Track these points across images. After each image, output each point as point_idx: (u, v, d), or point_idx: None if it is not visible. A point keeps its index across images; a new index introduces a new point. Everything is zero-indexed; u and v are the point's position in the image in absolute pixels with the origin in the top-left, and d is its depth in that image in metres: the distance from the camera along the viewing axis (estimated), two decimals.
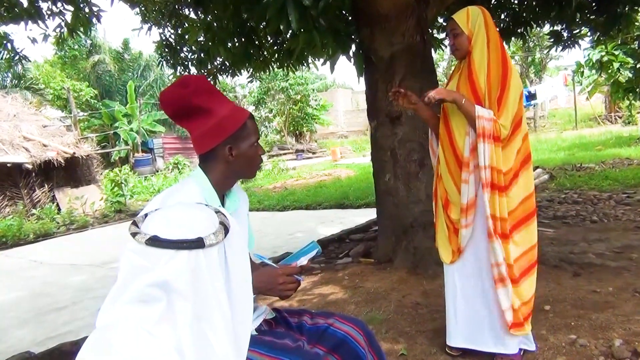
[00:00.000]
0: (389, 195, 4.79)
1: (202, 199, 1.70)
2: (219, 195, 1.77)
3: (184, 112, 1.71)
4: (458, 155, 2.57)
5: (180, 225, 1.10)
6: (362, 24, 4.74)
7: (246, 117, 1.75)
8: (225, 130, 1.70)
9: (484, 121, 2.42)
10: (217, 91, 1.79)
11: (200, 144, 1.74)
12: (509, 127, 2.46)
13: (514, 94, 2.48)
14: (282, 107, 26.99)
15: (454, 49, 2.57)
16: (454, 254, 2.66)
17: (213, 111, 1.70)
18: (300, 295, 4.14)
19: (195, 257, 1.08)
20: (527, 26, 6.73)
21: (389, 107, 4.63)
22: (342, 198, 9.86)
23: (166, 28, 6.86)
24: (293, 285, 1.74)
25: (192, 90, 1.69)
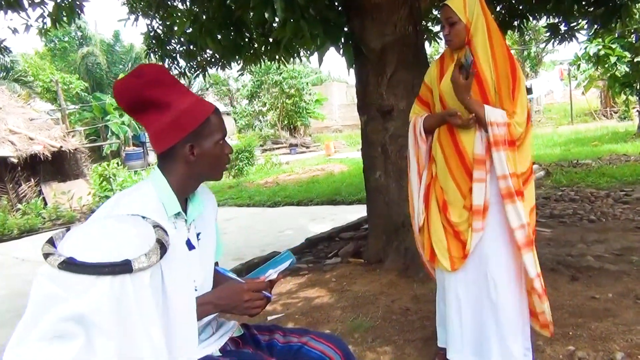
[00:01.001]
0: (380, 193, 4.60)
1: (157, 204, 1.51)
2: (180, 199, 1.57)
3: (137, 105, 1.52)
4: (462, 153, 2.35)
5: (102, 245, 0.90)
6: (353, 14, 4.53)
7: (210, 112, 1.56)
8: (185, 126, 1.51)
9: (497, 128, 2.22)
10: (177, 83, 1.59)
11: (157, 142, 1.54)
12: (524, 124, 2.28)
13: (523, 85, 2.31)
14: (276, 101, 26.72)
15: (449, 38, 2.34)
16: (456, 261, 2.42)
17: (171, 105, 1.51)
18: (285, 299, 3.95)
19: (121, 284, 0.88)
20: (524, 18, 6.53)
21: (379, 101, 4.43)
22: (334, 194, 9.66)
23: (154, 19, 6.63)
24: (260, 303, 1.54)
25: (146, 80, 1.49)
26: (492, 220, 2.33)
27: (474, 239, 2.33)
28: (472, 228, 2.33)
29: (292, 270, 4.83)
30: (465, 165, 2.35)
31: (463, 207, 2.37)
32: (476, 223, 2.32)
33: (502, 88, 2.28)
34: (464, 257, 2.38)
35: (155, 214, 1.47)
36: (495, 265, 2.33)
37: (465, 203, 2.36)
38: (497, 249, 2.34)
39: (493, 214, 2.32)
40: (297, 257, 5.38)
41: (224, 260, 5.76)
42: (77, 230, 0.94)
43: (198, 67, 7.02)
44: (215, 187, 13.00)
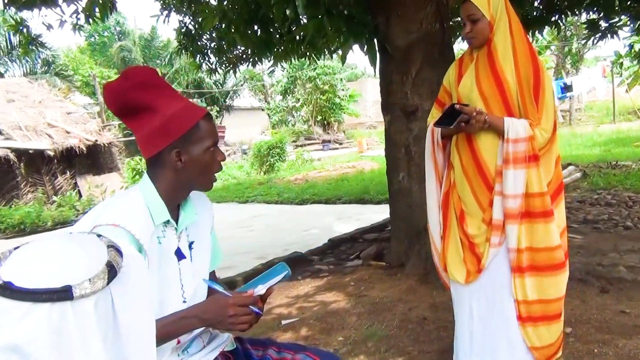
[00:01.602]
0: (403, 195, 4.48)
1: (144, 212, 1.45)
2: (170, 206, 1.51)
3: (125, 108, 1.48)
4: (480, 163, 2.20)
5: (43, 268, 0.83)
6: (377, 10, 4.40)
7: (199, 117, 1.49)
8: (172, 131, 1.45)
9: (517, 144, 2.07)
10: (167, 86, 1.53)
11: (144, 147, 1.49)
12: (550, 131, 2.12)
13: (550, 89, 2.15)
14: (310, 97, 26.67)
15: (471, 36, 2.18)
16: (470, 274, 2.29)
17: (158, 109, 1.46)
18: (301, 302, 3.88)
19: (60, 312, 0.80)
20: (562, 14, 6.27)
21: (403, 101, 4.30)
22: (362, 192, 9.54)
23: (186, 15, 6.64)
24: (247, 318, 1.46)
25: (133, 83, 1.45)
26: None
27: (490, 254, 2.21)
28: (489, 243, 2.20)
29: (313, 272, 4.76)
30: (484, 176, 2.20)
31: (482, 220, 2.24)
32: (494, 238, 2.19)
33: (524, 91, 2.13)
34: (479, 272, 2.25)
35: (141, 222, 1.41)
36: (505, 284, 2.20)
37: (484, 216, 2.23)
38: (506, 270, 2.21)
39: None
40: (318, 258, 5.31)
41: (246, 258, 5.73)
42: (21, 251, 0.87)
43: (229, 63, 7.02)
44: (245, 183, 13.05)
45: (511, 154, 2.09)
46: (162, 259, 1.48)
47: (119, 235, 1.34)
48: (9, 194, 11.31)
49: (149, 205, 1.46)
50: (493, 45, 2.16)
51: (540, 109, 2.12)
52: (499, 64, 2.14)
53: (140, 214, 1.43)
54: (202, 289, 1.60)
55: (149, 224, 1.43)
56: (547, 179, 2.17)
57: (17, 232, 9.56)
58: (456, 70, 2.35)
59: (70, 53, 24.26)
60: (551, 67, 26.91)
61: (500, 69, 2.13)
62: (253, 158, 16.38)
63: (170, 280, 1.51)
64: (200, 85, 26.30)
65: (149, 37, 26.16)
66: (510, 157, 2.09)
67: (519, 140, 2.08)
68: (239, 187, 12.45)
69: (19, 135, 11.75)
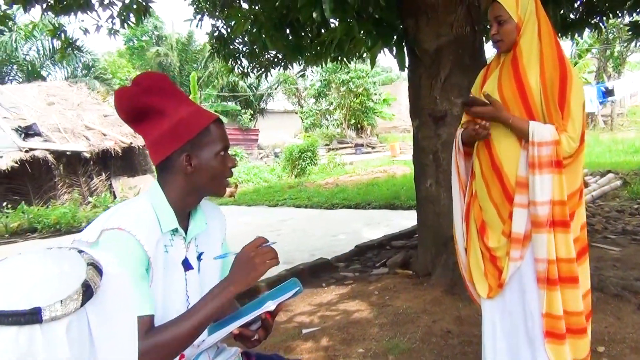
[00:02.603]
0: (430, 202, 4.37)
1: (152, 219, 1.42)
2: (179, 214, 1.48)
3: (135, 113, 1.47)
4: (500, 173, 2.09)
5: (11, 288, 0.78)
6: (406, 13, 4.32)
7: (209, 121, 1.47)
8: (182, 134, 1.43)
9: (541, 148, 1.96)
10: (178, 91, 1.52)
11: (154, 152, 1.48)
12: (578, 140, 1.99)
13: (578, 97, 2.00)
14: (343, 100, 26.59)
15: (498, 38, 2.07)
16: (492, 289, 2.19)
17: (168, 113, 1.45)
18: (323, 310, 3.81)
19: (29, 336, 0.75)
20: (603, 16, 6.05)
21: (432, 105, 4.20)
22: (393, 198, 9.41)
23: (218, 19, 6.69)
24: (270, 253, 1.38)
25: (144, 88, 1.44)
26: (531, 250, 2.08)
27: (510, 269, 2.09)
28: (509, 257, 2.09)
29: (338, 279, 4.69)
30: (505, 186, 2.09)
31: (502, 232, 2.13)
32: (514, 252, 2.07)
33: (549, 97, 2.01)
34: (500, 286, 2.14)
35: (147, 228, 1.38)
36: (533, 299, 2.08)
37: (504, 228, 2.12)
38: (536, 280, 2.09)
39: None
40: (344, 265, 5.23)
41: None
42: None
43: (260, 67, 7.03)
44: (276, 187, 13.07)
45: (536, 158, 1.97)
46: (168, 267, 1.44)
47: (123, 239, 1.32)
48: (46, 194, 11.61)
49: (157, 212, 1.43)
50: (519, 48, 2.05)
51: (565, 116, 1.98)
52: (523, 68, 2.03)
53: (147, 220, 1.40)
54: None
55: (155, 231, 1.40)
56: (570, 190, 2.05)
57: (52, 232, 9.78)
58: (482, 76, 2.25)
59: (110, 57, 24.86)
60: (592, 70, 26.15)
61: (523, 73, 2.02)
62: (285, 161, 16.40)
63: (176, 290, 1.47)
64: (234, 89, 26.55)
65: (186, 42, 26.56)
66: (535, 161, 1.97)
67: (543, 143, 1.96)
68: (270, 191, 12.46)
69: (58, 137, 12.06)
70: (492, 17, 2.06)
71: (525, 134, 1.99)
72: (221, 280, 1.42)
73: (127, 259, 1.32)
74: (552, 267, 2.03)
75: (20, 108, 12.88)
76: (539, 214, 1.99)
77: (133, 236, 1.33)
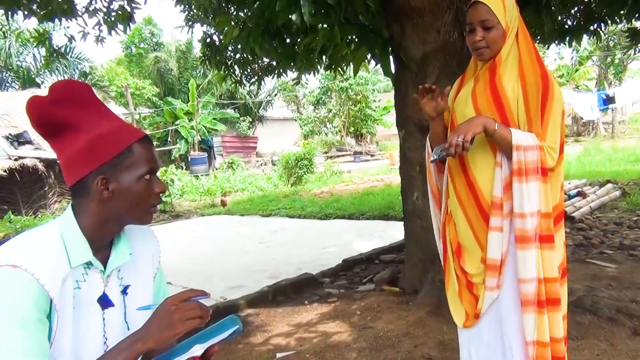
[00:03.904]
0: (417, 217, 4.18)
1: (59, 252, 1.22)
2: (96, 245, 1.28)
3: (47, 126, 1.27)
4: (475, 191, 1.90)
5: None
6: (392, 18, 4.13)
7: (132, 140, 1.27)
8: (98, 154, 1.24)
9: (526, 153, 1.75)
10: (98, 104, 1.31)
11: (66, 173, 1.29)
12: (557, 150, 1.81)
13: (558, 105, 1.81)
14: (342, 108, 26.43)
15: (483, 45, 1.83)
16: (469, 318, 1.98)
17: (83, 128, 1.26)
18: (301, 332, 3.59)
19: None
20: (601, 22, 5.88)
21: (418, 115, 4.00)
22: (387, 208, 9.20)
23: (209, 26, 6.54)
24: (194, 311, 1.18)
25: (56, 98, 1.25)
26: (510, 274, 1.87)
27: (486, 299, 1.89)
28: (485, 286, 1.88)
29: (321, 296, 4.48)
30: (482, 208, 1.89)
31: (480, 259, 1.92)
32: (490, 280, 1.87)
33: (531, 102, 1.80)
34: (476, 317, 1.93)
35: (50, 263, 1.18)
36: (512, 329, 1.87)
37: (482, 255, 1.91)
38: (516, 309, 1.88)
39: (512, 268, 1.86)
40: (330, 281, 5.02)
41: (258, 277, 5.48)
42: None
43: (253, 74, 6.86)
44: (270, 196, 12.87)
45: (523, 163, 1.76)
46: (80, 306, 1.24)
47: (17, 279, 1.12)
48: (36, 203, 11.43)
49: (67, 243, 1.23)
50: (498, 56, 1.85)
51: (545, 124, 1.79)
52: (499, 77, 1.83)
53: (51, 253, 1.20)
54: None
55: (62, 266, 1.20)
56: (555, 202, 1.85)
57: None
58: (457, 85, 2.05)
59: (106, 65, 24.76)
60: (593, 77, 25.99)
61: (499, 81, 1.83)
62: (281, 169, 16.21)
63: (90, 331, 1.27)
64: (233, 96, 26.41)
65: (185, 49, 26.43)
66: (522, 167, 1.76)
67: (529, 148, 1.76)
68: (264, 200, 12.25)
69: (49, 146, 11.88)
70: (477, 21, 1.83)
71: (508, 140, 1.77)
72: (132, 333, 1.22)
73: (18, 302, 1.12)
74: (541, 288, 1.83)
75: (13, 115, 12.73)
76: (527, 227, 1.78)
77: (30, 275, 1.13)
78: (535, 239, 1.79)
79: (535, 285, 1.81)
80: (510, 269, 1.85)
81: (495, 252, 1.84)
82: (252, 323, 3.91)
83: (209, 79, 25.08)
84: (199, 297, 1.22)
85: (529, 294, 1.81)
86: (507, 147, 1.78)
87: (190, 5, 6.55)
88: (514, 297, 1.85)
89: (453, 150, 1.77)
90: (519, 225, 1.79)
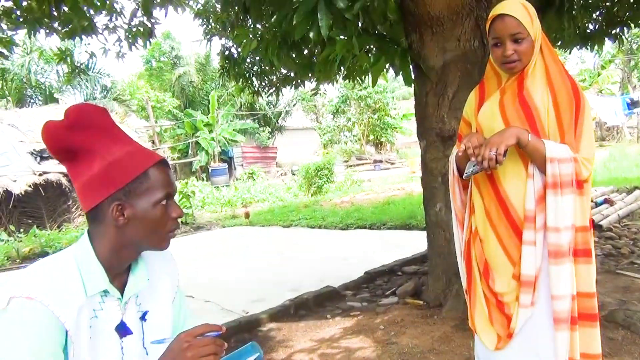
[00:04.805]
0: (440, 228, 4.10)
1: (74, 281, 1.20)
2: (113, 272, 1.25)
3: (63, 152, 1.26)
4: (506, 205, 1.83)
5: None
6: (410, 27, 4.08)
7: (148, 165, 1.24)
8: (113, 180, 1.22)
9: (561, 165, 1.70)
10: (114, 128, 1.29)
11: (82, 199, 1.27)
12: (592, 162, 1.76)
13: (590, 116, 1.78)
14: (361, 116, 26.37)
15: (515, 59, 1.76)
16: (501, 339, 1.89)
17: (99, 153, 1.24)
18: (324, 347, 3.54)
19: None
20: (624, 26, 5.78)
21: (439, 125, 3.95)
22: (409, 217, 9.09)
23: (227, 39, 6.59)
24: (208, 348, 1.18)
25: (70, 123, 1.23)
26: (543, 290, 1.80)
27: (520, 317, 1.81)
28: (519, 303, 1.81)
29: (344, 310, 4.42)
30: (513, 222, 1.82)
31: (512, 275, 1.85)
32: (524, 297, 1.80)
33: (563, 115, 1.75)
34: (509, 337, 1.86)
35: (66, 294, 1.16)
36: (547, 348, 1.79)
37: (514, 271, 1.84)
38: (550, 326, 1.80)
39: (545, 283, 1.79)
40: (352, 293, 4.95)
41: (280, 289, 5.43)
42: None
43: (272, 86, 6.89)
44: (291, 206, 12.85)
45: (558, 176, 1.70)
46: (97, 336, 1.22)
47: (32, 311, 1.11)
48: (60, 217, 11.58)
49: (82, 272, 1.21)
50: (526, 67, 1.80)
51: (578, 135, 1.74)
52: (527, 88, 1.78)
53: (66, 283, 1.18)
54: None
55: (77, 296, 1.18)
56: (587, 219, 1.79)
57: None
58: (476, 98, 1.99)
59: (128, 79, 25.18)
60: (616, 81, 25.55)
61: (527, 93, 1.77)
62: (301, 179, 16.20)
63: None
64: (253, 107, 26.56)
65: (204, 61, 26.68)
66: (557, 180, 1.71)
67: (563, 160, 1.71)
68: (284, 210, 12.23)
69: None
70: (506, 35, 1.76)
71: (541, 152, 1.72)
72: None
73: (33, 335, 1.10)
74: (573, 304, 1.76)
75: (36, 131, 12.93)
76: (561, 242, 1.72)
77: (45, 306, 1.11)
78: (570, 254, 1.74)
79: (569, 302, 1.75)
80: (544, 284, 1.78)
81: (529, 268, 1.78)
82: (274, 338, 3.86)
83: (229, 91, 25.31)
84: (212, 334, 1.19)
85: (562, 311, 1.75)
86: (541, 159, 1.73)
87: (209, 19, 6.62)
88: (548, 314, 1.79)
89: (487, 164, 1.72)
90: (553, 240, 1.74)
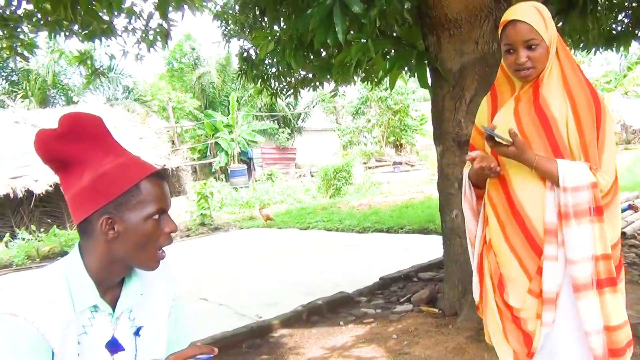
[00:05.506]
0: (456, 235, 4.00)
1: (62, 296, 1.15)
2: (104, 286, 1.21)
3: (53, 161, 1.22)
4: (521, 217, 1.74)
5: None
6: (427, 30, 4.00)
7: (140, 177, 1.20)
8: (103, 193, 1.17)
9: (575, 194, 1.63)
10: (106, 137, 1.24)
11: (72, 210, 1.22)
12: (613, 176, 1.67)
13: (611, 126, 1.69)
14: (381, 118, 26.22)
15: (529, 66, 1.70)
16: (519, 357, 1.81)
17: (88, 165, 1.19)
18: (335, 356, 3.47)
19: None
20: None
21: (457, 129, 3.86)
22: (427, 221, 8.96)
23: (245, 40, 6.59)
24: None
25: (61, 132, 1.18)
26: (564, 308, 1.71)
27: (543, 334, 1.73)
28: (541, 321, 1.72)
29: (357, 317, 4.34)
30: (529, 236, 1.74)
31: (528, 290, 1.76)
32: (547, 315, 1.71)
33: (585, 126, 1.66)
34: (530, 355, 1.77)
35: (52, 310, 1.12)
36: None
37: (531, 286, 1.75)
38: (571, 346, 1.72)
39: (566, 302, 1.70)
40: (366, 299, 4.87)
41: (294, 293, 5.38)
42: None
43: (289, 87, 6.86)
44: (308, 208, 12.80)
45: (570, 207, 1.62)
46: (85, 353, 1.17)
47: (16, 329, 1.06)
48: None
49: (71, 286, 1.17)
50: (541, 74, 1.72)
51: (601, 147, 1.66)
52: (543, 98, 1.69)
53: (53, 299, 1.14)
54: None
55: (65, 312, 1.14)
56: (613, 239, 1.69)
57: None
58: (489, 105, 1.91)
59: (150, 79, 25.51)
60: None
61: (544, 103, 1.69)
62: (320, 181, 16.15)
63: None
64: (272, 108, 26.61)
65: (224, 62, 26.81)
66: (570, 210, 1.63)
67: (580, 188, 1.62)
68: (302, 212, 12.18)
69: None
70: (519, 41, 1.69)
71: (554, 178, 1.64)
72: None
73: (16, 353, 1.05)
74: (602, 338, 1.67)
75: None
76: (577, 275, 1.64)
77: (30, 323, 1.07)
78: (593, 286, 1.64)
79: (602, 337, 1.65)
80: (565, 303, 1.70)
81: (551, 285, 1.70)
82: (285, 345, 3.81)
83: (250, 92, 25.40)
84: (202, 357, 1.14)
85: (597, 348, 1.65)
86: (554, 182, 1.66)
87: (227, 21, 6.62)
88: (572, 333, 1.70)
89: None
90: (572, 273, 1.66)
